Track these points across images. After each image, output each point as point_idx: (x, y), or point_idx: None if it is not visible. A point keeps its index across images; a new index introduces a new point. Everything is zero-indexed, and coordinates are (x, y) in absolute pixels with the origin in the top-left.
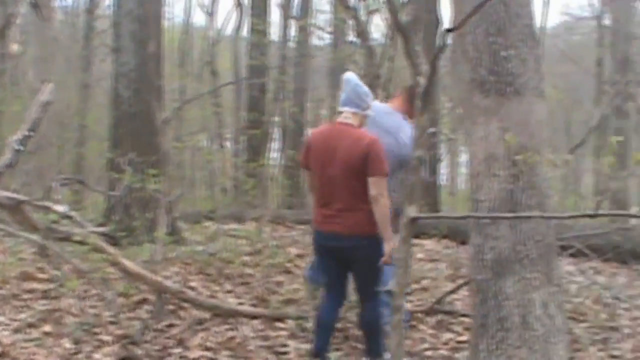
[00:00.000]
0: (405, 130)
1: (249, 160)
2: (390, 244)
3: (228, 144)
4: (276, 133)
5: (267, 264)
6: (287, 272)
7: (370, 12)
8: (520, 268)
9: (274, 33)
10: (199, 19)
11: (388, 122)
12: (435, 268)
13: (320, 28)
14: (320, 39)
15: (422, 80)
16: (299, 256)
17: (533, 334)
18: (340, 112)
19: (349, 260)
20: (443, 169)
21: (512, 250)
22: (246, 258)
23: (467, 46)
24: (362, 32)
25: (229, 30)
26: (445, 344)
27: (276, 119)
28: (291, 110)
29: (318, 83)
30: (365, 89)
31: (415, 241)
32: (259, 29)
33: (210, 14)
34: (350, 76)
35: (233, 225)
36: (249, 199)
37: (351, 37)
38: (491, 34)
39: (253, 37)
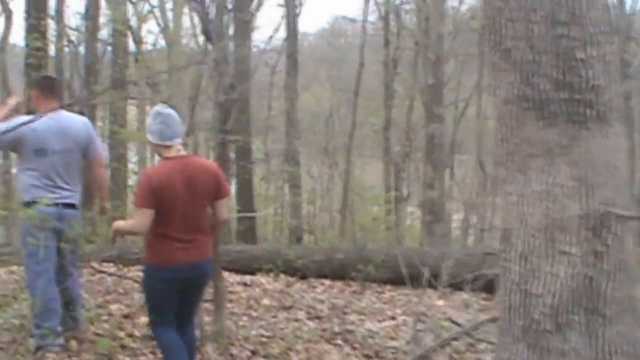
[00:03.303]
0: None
1: None
2: None
3: None
4: None
5: None
6: None
7: None
8: None
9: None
10: None
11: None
12: None
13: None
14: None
15: None
16: None
17: None
18: (169, 146)
19: (197, 286)
20: None
21: None
22: None
23: (513, 44)
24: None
25: None
26: None
27: None
28: None
29: None
30: None
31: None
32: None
33: None
34: (167, 109)
35: None
36: None
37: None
38: (560, 23)
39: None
